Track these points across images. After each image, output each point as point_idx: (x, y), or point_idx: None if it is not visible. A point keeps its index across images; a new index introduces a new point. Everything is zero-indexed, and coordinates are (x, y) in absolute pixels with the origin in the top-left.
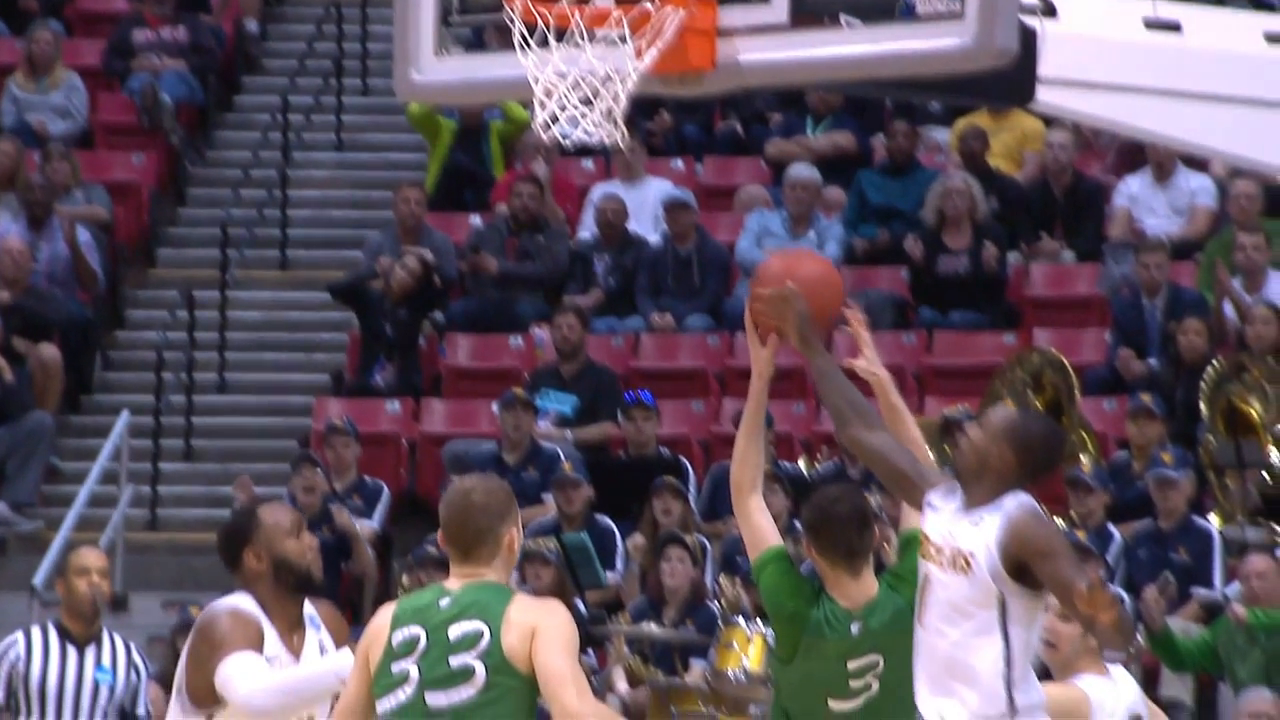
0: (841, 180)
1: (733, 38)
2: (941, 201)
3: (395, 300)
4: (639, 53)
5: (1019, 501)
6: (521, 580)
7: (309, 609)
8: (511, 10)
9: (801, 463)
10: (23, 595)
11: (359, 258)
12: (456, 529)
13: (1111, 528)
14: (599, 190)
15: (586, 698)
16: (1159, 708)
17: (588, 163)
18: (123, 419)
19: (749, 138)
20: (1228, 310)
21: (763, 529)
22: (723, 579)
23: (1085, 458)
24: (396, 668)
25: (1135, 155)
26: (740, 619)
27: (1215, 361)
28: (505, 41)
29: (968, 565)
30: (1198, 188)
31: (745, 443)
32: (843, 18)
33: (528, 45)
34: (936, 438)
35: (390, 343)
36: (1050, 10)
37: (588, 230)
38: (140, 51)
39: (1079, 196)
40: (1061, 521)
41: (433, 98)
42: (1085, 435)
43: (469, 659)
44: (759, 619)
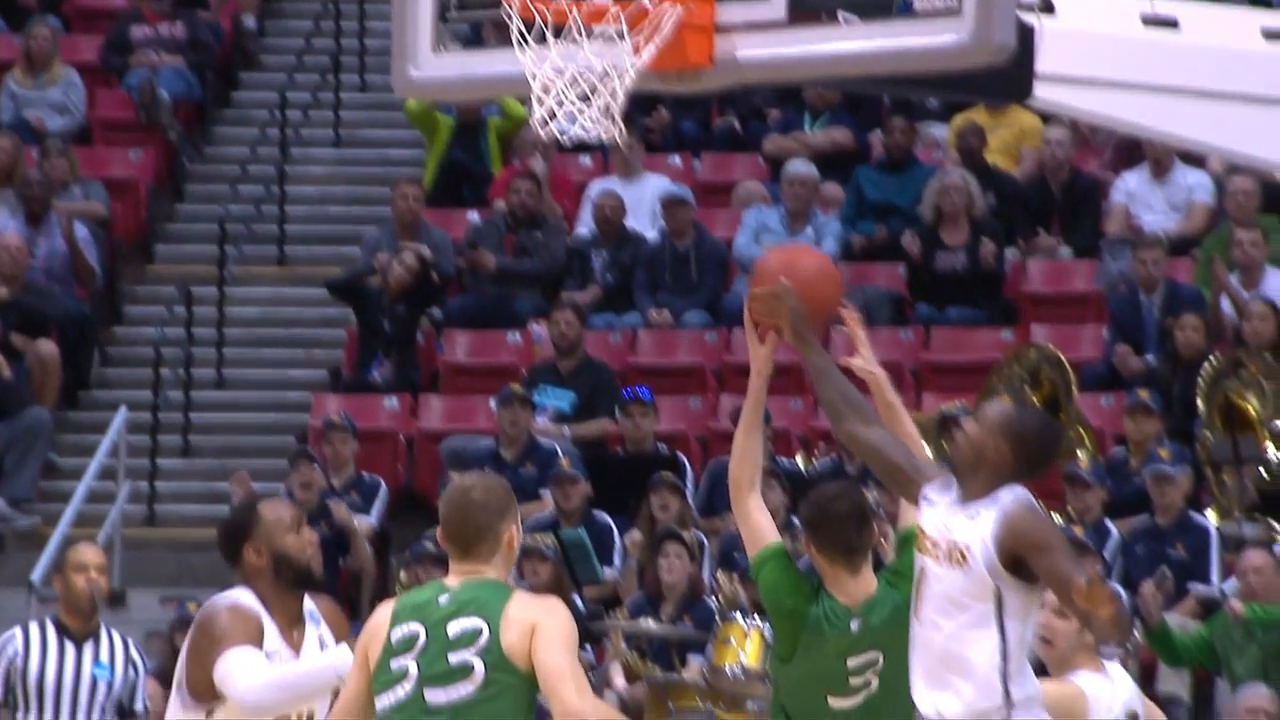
0: (839, 176)
1: (730, 34)
2: (939, 198)
3: (393, 296)
4: (637, 49)
5: (1015, 495)
6: (519, 576)
7: (309, 604)
8: (509, 6)
9: (799, 459)
10: (20, 591)
11: (357, 254)
12: (456, 526)
13: (1109, 524)
14: (597, 186)
15: (586, 695)
16: (1156, 703)
17: (585, 159)
18: (120, 415)
19: (747, 134)
20: (1225, 306)
21: (762, 527)
22: (720, 575)
23: (1083, 454)
24: (395, 664)
25: (1133, 152)
26: (738, 615)
27: (1212, 357)
28: (503, 38)
29: (963, 559)
30: (1195, 184)
31: (744, 440)
32: (840, 14)
33: (525, 41)
34: (934, 434)
35: (388, 339)
36: (1048, 7)
37: (585, 226)
38: (138, 48)
39: (1076, 193)
40: (1059, 517)
41: (431, 94)
42: (1082, 431)
43: (468, 656)
44: (756, 615)
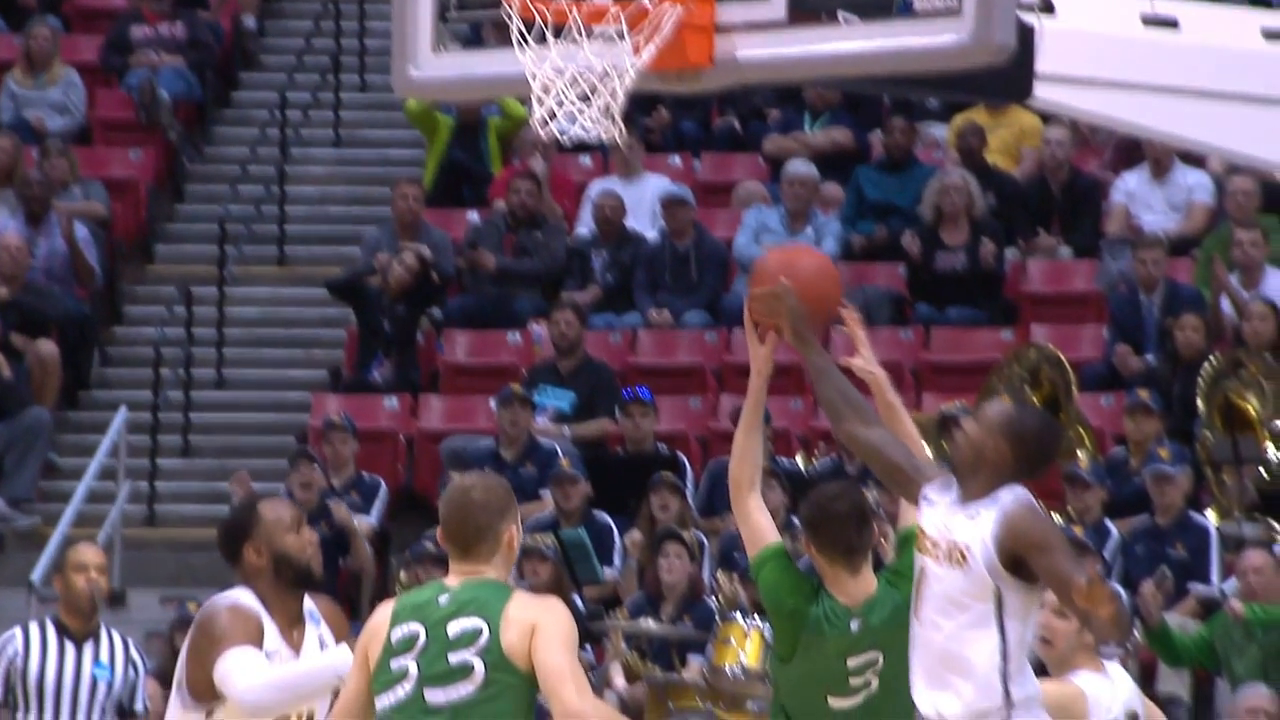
0: (839, 176)
1: (730, 34)
2: (939, 198)
3: (393, 296)
4: (637, 49)
5: (1014, 495)
6: (519, 576)
7: (309, 604)
8: (509, 6)
9: (799, 459)
10: (20, 591)
11: (357, 254)
12: (456, 526)
13: (1109, 524)
14: (597, 186)
15: (586, 695)
16: (1156, 703)
17: (585, 159)
18: (120, 415)
19: (747, 134)
20: (1225, 306)
21: (762, 527)
22: (720, 575)
23: (1082, 454)
24: (395, 664)
25: (1133, 152)
26: (738, 615)
27: (1212, 358)
28: (503, 38)
29: (963, 559)
30: (1195, 184)
31: (744, 440)
32: (840, 14)
33: (525, 41)
34: (934, 434)
35: (388, 339)
36: (1048, 7)
37: (585, 227)
38: (138, 48)
39: (1076, 193)
40: (1059, 517)
41: (431, 94)
42: (1082, 431)
43: (468, 656)
44: (756, 614)
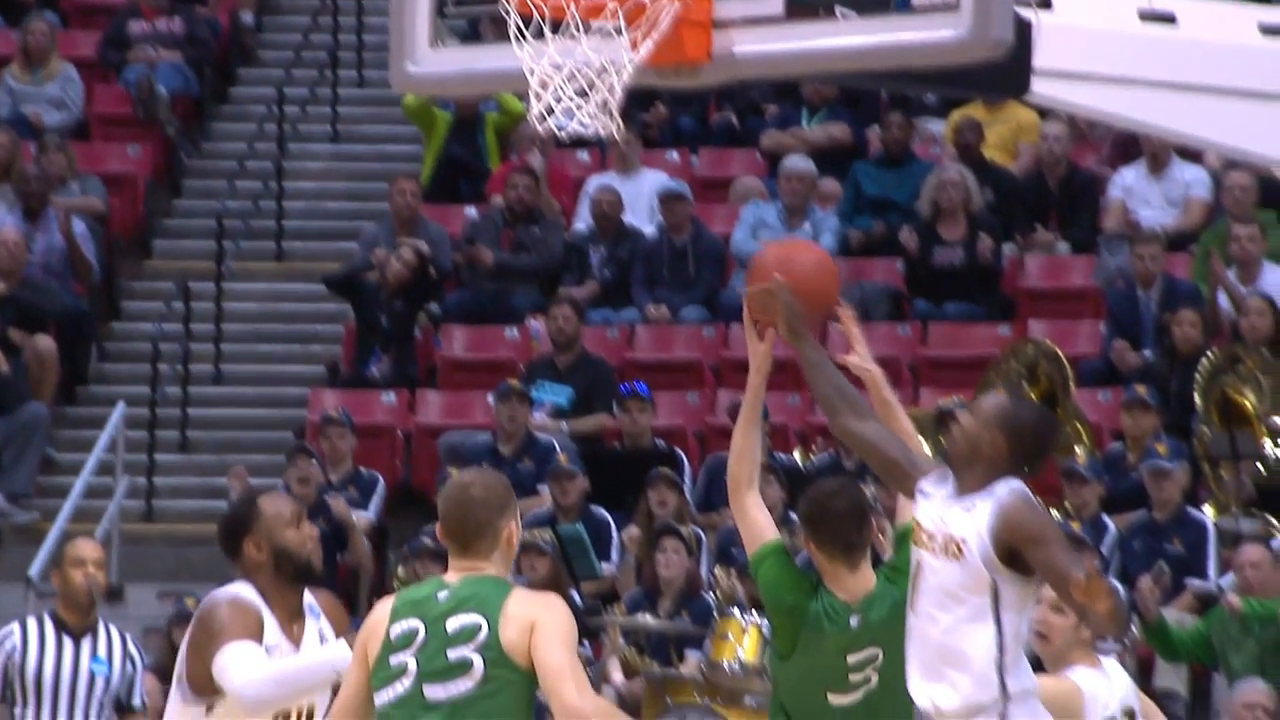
0: (837, 172)
1: (728, 29)
2: (936, 193)
3: (391, 292)
4: (634, 44)
5: (1011, 488)
6: (517, 571)
7: (309, 598)
8: (507, 2)
9: (797, 454)
10: (19, 586)
11: (354, 249)
12: (455, 523)
13: (1106, 519)
14: (594, 182)
15: (586, 692)
16: (1153, 699)
17: (583, 154)
18: (118, 410)
19: (744, 129)
20: (1222, 302)
21: (760, 524)
22: (718, 570)
23: (1080, 449)
24: (395, 660)
25: (1130, 147)
26: (735, 610)
27: (1210, 353)
28: (501, 33)
29: (960, 551)
30: (1192, 179)
31: (743, 438)
32: (838, 9)
33: (523, 37)
34: (932, 430)
35: (386, 334)
36: (1045, 2)
37: (583, 222)
38: (136, 43)
39: (1074, 188)
40: (1056, 512)
41: (428, 89)
42: (1080, 427)
43: (467, 652)
44: (754, 610)
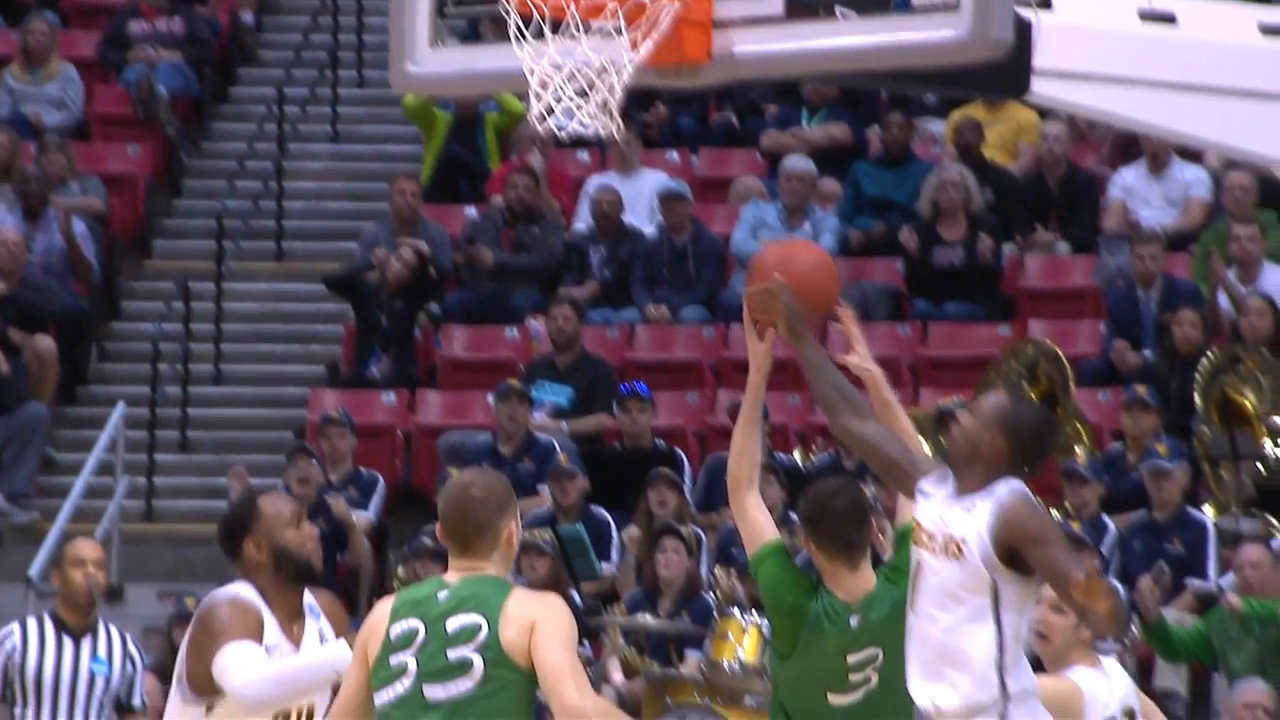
0: (837, 172)
1: (728, 29)
2: (936, 193)
3: (391, 292)
4: (634, 44)
5: (1011, 488)
6: (517, 571)
7: (309, 598)
8: (507, 2)
9: (797, 454)
10: (19, 586)
11: (354, 249)
12: (455, 523)
13: (1106, 519)
14: (594, 182)
15: (586, 692)
16: (1153, 699)
17: (583, 154)
18: (118, 410)
19: (744, 129)
20: (1222, 302)
21: (760, 524)
22: (718, 570)
23: (1080, 449)
24: (394, 660)
25: (1130, 147)
26: (735, 610)
27: (1210, 353)
28: (501, 33)
29: (959, 551)
30: (1192, 179)
31: (743, 438)
32: (838, 9)
33: (523, 37)
34: (932, 430)
35: (386, 334)
36: (1045, 2)
37: (583, 222)
38: (136, 43)
39: (1074, 188)
40: (1056, 513)
41: (428, 89)
42: (1080, 427)
43: (467, 652)
44: (754, 610)
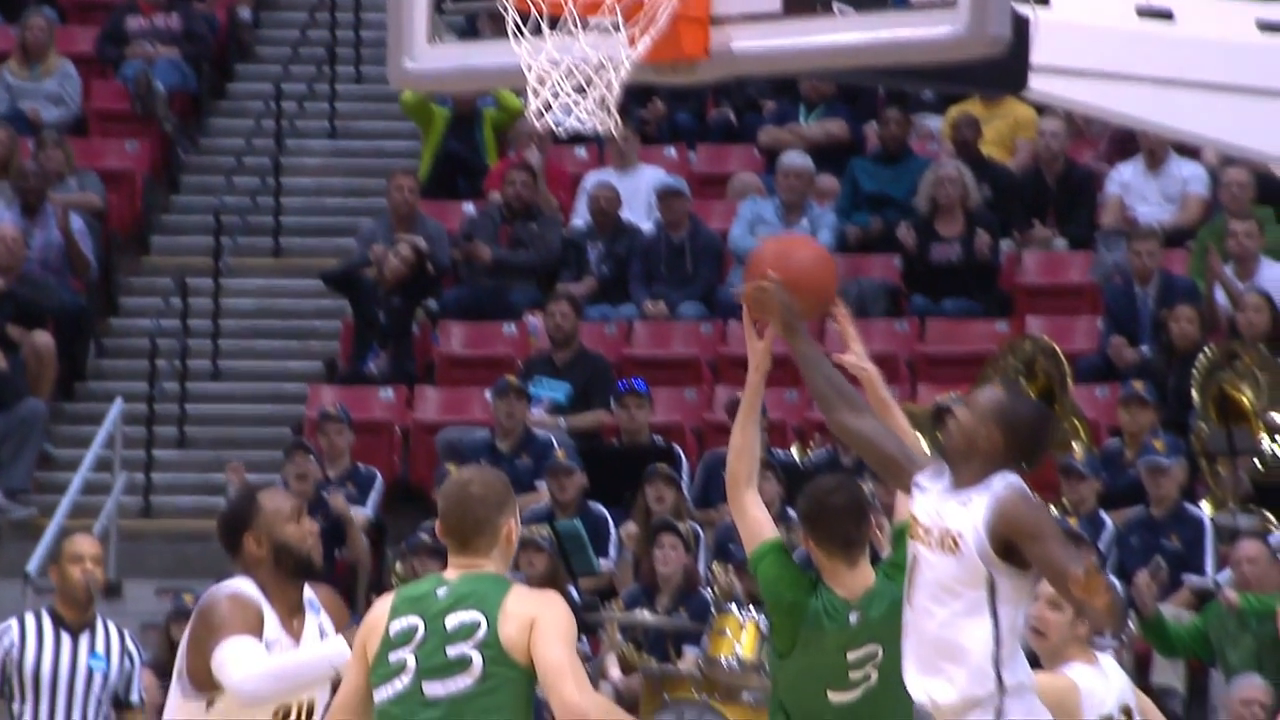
0: (834, 168)
1: (726, 25)
2: (934, 189)
3: (389, 288)
4: (632, 40)
5: (1007, 482)
6: (515, 568)
7: (308, 593)
8: None
9: (794, 450)
10: (17, 582)
11: (352, 245)
12: (454, 520)
13: (1103, 515)
14: (592, 178)
15: (585, 689)
16: (1150, 694)
17: (581, 150)
18: (116, 406)
19: (742, 125)
20: (1220, 298)
21: (759, 521)
22: (716, 566)
23: (1077, 445)
24: (394, 657)
25: (1127, 143)
26: (733, 606)
27: (1207, 349)
28: (499, 29)
29: (955, 545)
30: (1190, 175)
31: (741, 436)
32: (835, 6)
33: (521, 33)
34: (929, 426)
35: (384, 330)
36: None
37: (581, 218)
38: (134, 39)
39: (1071, 184)
40: (1054, 509)
41: (426, 85)
42: (1077, 423)
43: (466, 649)
44: (752, 606)
